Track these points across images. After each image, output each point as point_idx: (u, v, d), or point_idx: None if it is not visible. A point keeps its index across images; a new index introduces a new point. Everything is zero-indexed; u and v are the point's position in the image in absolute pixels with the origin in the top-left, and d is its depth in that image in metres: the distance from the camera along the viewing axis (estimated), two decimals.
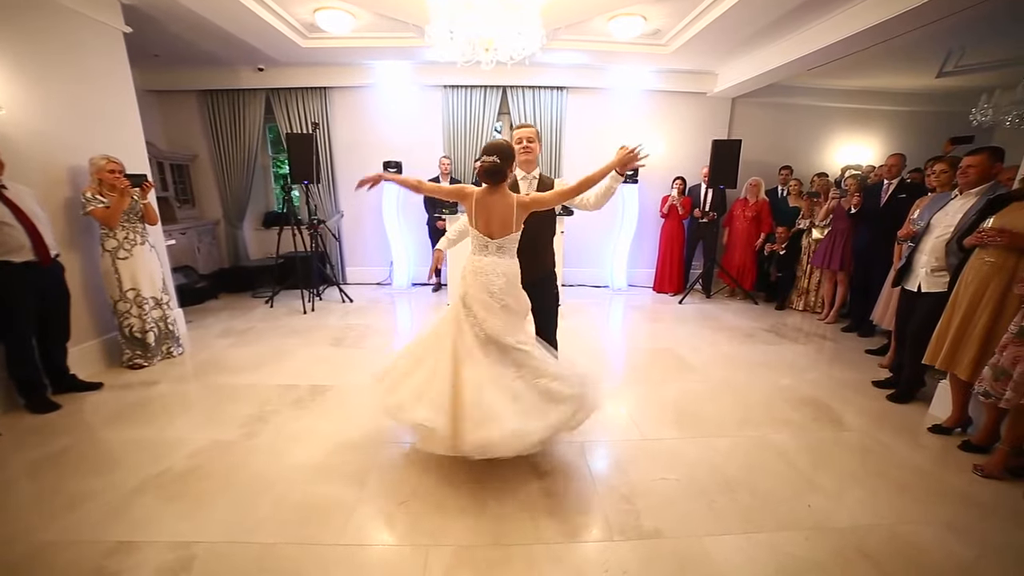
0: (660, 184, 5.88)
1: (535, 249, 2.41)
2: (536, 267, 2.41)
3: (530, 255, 2.33)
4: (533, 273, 2.37)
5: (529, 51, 2.96)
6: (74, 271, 3.16)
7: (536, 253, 2.42)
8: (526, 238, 2.21)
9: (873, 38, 3.67)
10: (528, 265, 2.28)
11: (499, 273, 2.11)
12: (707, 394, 3.09)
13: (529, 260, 2.29)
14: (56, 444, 2.44)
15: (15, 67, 2.90)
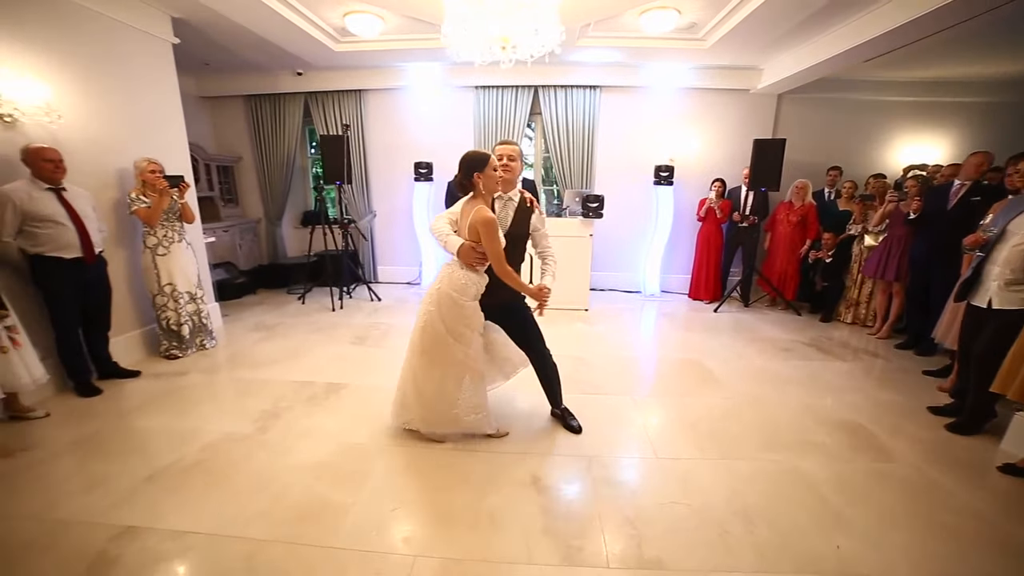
0: (697, 186, 5.60)
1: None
2: (504, 288, 2.34)
3: (498, 278, 2.32)
4: (501, 294, 2.37)
5: (548, 48, 2.86)
6: (120, 267, 3.39)
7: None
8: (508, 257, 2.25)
9: (945, 20, 3.22)
10: (498, 287, 2.30)
11: (443, 278, 2.25)
12: (732, 411, 2.87)
13: (498, 282, 2.29)
14: (89, 427, 2.61)
15: (74, 78, 3.13)
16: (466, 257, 2.18)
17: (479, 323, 2.30)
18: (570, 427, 2.63)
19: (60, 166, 2.75)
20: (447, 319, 2.23)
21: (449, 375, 2.29)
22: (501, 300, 2.39)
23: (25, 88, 2.82)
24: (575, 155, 5.77)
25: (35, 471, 2.23)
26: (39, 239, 2.70)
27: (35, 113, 2.86)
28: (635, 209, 5.81)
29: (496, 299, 2.37)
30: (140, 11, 3.56)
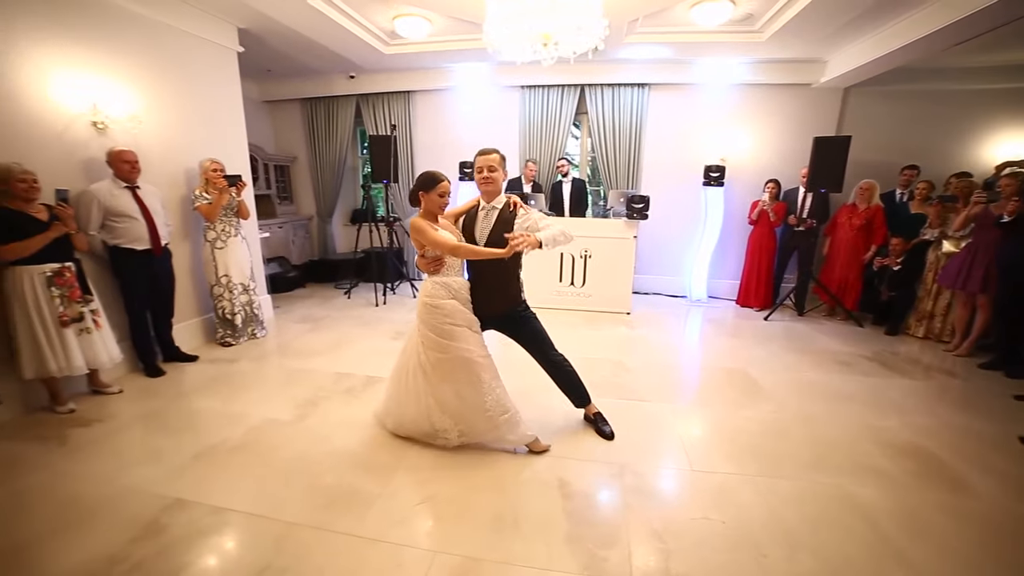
0: (750, 187, 5.30)
1: (495, 281, 2.34)
2: (502, 298, 2.35)
3: (492, 286, 2.33)
4: (501, 304, 2.35)
5: (591, 44, 2.80)
6: (184, 258, 3.68)
7: (500, 282, 2.35)
8: (487, 269, 2.27)
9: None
10: (493, 296, 2.31)
11: (420, 293, 2.31)
12: (777, 426, 2.68)
13: (492, 291, 2.31)
14: (153, 404, 2.84)
15: (152, 87, 3.43)
16: (422, 267, 2.28)
17: (464, 319, 2.26)
18: (602, 432, 2.56)
19: (136, 167, 3.02)
20: (429, 323, 2.24)
21: (462, 380, 2.24)
22: (499, 311, 2.37)
23: (115, 98, 3.13)
24: (621, 155, 5.63)
25: (108, 440, 2.46)
26: (116, 232, 2.98)
27: (122, 120, 3.16)
28: (683, 211, 5.59)
29: (493, 310, 2.36)
30: (210, 24, 3.84)
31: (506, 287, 2.36)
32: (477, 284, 2.35)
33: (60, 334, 2.59)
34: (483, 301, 2.34)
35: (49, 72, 2.79)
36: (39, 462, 2.27)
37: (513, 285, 2.38)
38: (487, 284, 2.34)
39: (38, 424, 2.60)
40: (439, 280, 2.25)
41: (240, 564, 1.67)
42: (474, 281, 2.36)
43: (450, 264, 2.28)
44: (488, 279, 2.33)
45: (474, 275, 2.36)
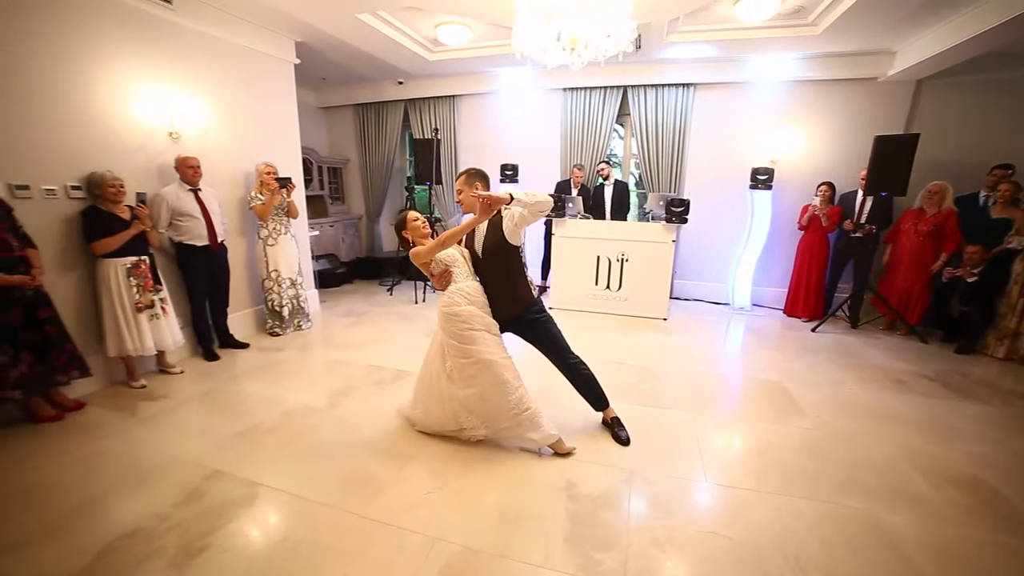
0: (801, 190, 4.99)
1: (501, 285, 2.40)
2: (511, 301, 2.40)
3: (499, 290, 2.39)
4: (511, 307, 2.40)
5: (620, 47, 2.77)
6: (240, 254, 4.04)
7: (505, 287, 2.40)
8: (491, 275, 2.38)
9: None
10: (502, 301, 2.39)
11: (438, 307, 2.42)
12: (808, 443, 2.54)
13: (500, 296, 2.39)
14: (208, 385, 3.16)
15: (217, 98, 3.79)
16: (436, 285, 2.41)
17: (482, 323, 2.32)
18: (618, 437, 2.54)
19: (198, 171, 3.36)
20: (450, 331, 2.32)
21: (486, 383, 2.29)
22: (510, 314, 2.41)
23: (188, 111, 3.50)
24: (664, 157, 5.49)
25: (168, 414, 2.77)
26: (181, 230, 3.34)
27: (193, 131, 3.54)
28: (727, 215, 5.37)
29: (505, 314, 2.41)
30: (271, 39, 4.18)
31: (513, 289, 2.40)
32: (486, 290, 2.41)
33: (136, 319, 2.96)
34: (494, 306, 2.40)
35: (134, 91, 3.18)
36: (114, 428, 2.60)
37: (520, 287, 2.41)
38: (494, 289, 2.40)
39: (117, 395, 2.97)
40: (453, 288, 2.34)
41: (262, 532, 1.85)
42: (484, 287, 2.42)
43: (458, 272, 2.36)
44: (494, 284, 2.40)
45: (482, 282, 2.42)
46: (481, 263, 2.41)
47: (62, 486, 2.13)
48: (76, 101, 2.89)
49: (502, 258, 2.34)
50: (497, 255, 2.34)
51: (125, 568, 1.67)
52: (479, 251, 2.40)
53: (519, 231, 2.29)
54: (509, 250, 2.32)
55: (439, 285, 2.39)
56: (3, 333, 2.40)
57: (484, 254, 2.38)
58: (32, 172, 2.73)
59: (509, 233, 2.27)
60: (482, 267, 2.40)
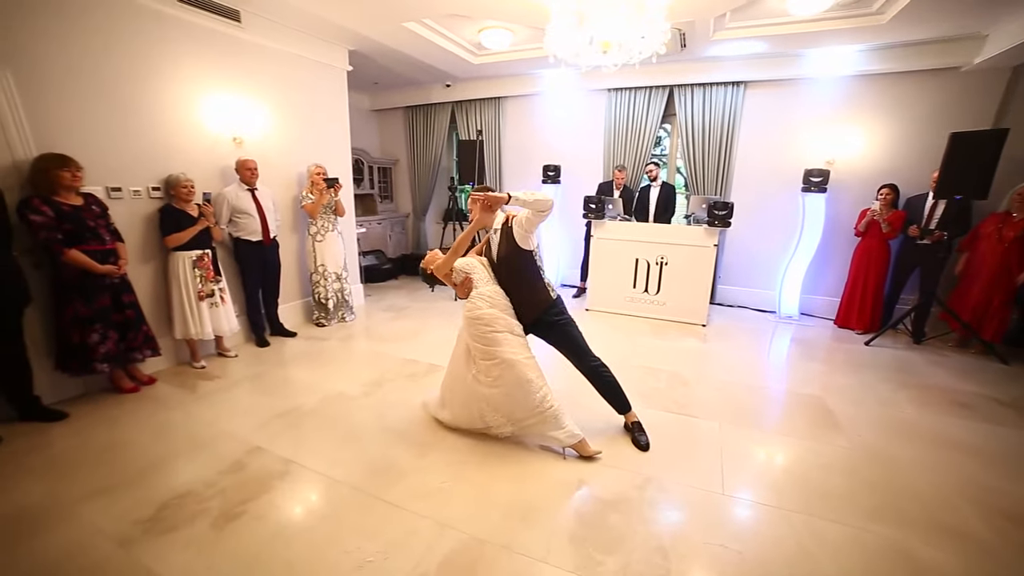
0: (859, 193, 4.64)
1: (518, 288, 2.45)
2: (529, 304, 2.45)
3: (517, 294, 2.45)
4: (530, 310, 2.46)
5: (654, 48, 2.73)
6: (291, 249, 4.37)
7: (521, 292, 2.45)
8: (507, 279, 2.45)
9: None
10: (520, 304, 2.45)
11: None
12: (843, 463, 2.39)
13: (518, 299, 2.45)
14: (257, 369, 3.46)
15: (275, 105, 4.11)
16: (460, 295, 2.51)
17: (504, 324, 2.37)
18: (637, 442, 2.53)
19: (255, 172, 3.68)
20: (474, 335, 2.40)
21: (511, 382, 2.33)
22: (530, 318, 2.47)
23: (250, 117, 3.84)
24: (711, 159, 5.30)
25: (222, 393, 3.08)
26: (239, 226, 3.67)
27: (254, 135, 3.88)
28: (776, 218, 5.10)
29: (526, 318, 2.46)
30: (326, 48, 4.48)
31: (531, 293, 2.45)
32: (506, 294, 2.47)
33: (198, 306, 3.30)
34: (515, 311, 2.47)
35: (204, 101, 3.54)
36: (176, 402, 2.94)
37: (537, 290, 2.45)
38: (512, 295, 2.46)
39: (181, 374, 3.34)
40: (475, 294, 2.43)
41: (290, 504, 2.03)
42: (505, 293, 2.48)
43: (478, 278, 2.44)
44: (513, 290, 2.45)
45: (502, 288, 2.48)
46: (498, 270, 2.49)
47: (136, 447, 2.45)
48: (158, 112, 3.27)
49: (517, 264, 2.41)
50: (512, 261, 2.41)
51: (178, 522, 1.90)
52: (495, 259, 2.49)
53: (529, 235, 2.35)
54: (523, 255, 2.39)
55: (462, 293, 2.49)
56: (96, 315, 2.78)
57: (500, 261, 2.46)
58: (123, 176, 3.13)
59: (520, 238, 2.34)
60: (499, 274, 2.48)
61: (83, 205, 2.75)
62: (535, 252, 2.44)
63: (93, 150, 2.94)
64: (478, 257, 2.55)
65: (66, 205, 2.67)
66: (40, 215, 2.57)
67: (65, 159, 2.66)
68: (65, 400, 2.88)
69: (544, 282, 2.48)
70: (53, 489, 2.10)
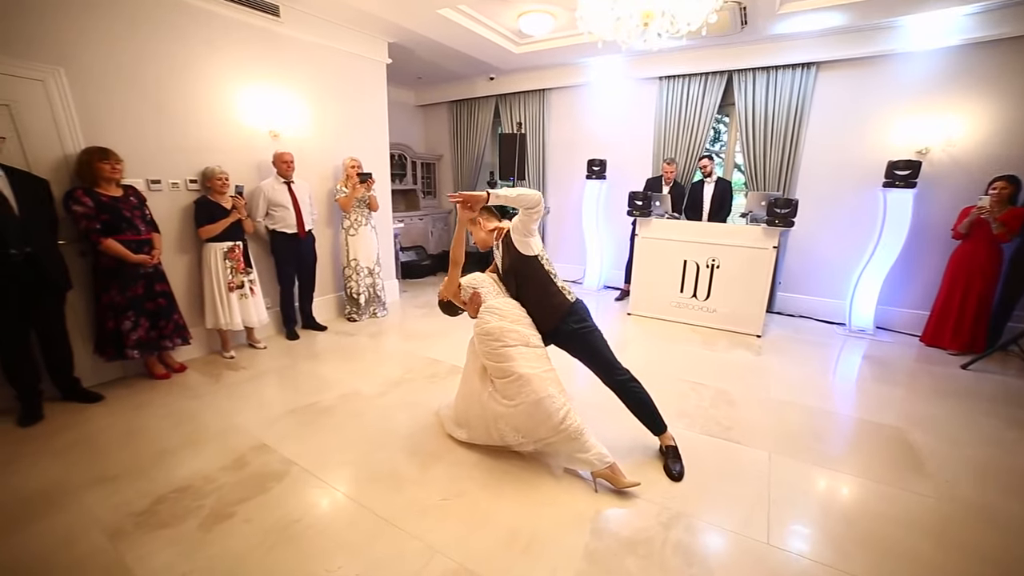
0: (960, 187, 3.94)
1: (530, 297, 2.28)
2: (544, 314, 2.27)
3: (530, 304, 2.29)
4: (547, 320, 2.26)
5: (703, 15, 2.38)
6: (326, 243, 4.38)
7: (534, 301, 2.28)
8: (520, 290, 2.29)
9: None
10: (534, 314, 2.28)
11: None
12: (927, 519, 1.94)
13: (532, 309, 2.29)
14: (283, 362, 3.47)
15: (313, 99, 4.13)
16: (471, 314, 2.36)
17: (516, 337, 2.17)
18: (670, 470, 2.22)
19: (291, 166, 3.69)
20: (486, 352, 2.22)
21: (529, 399, 2.10)
22: (549, 327, 2.28)
23: (287, 111, 3.87)
24: (773, 152, 4.75)
25: (244, 385, 3.10)
26: (275, 219, 3.71)
27: (291, 129, 3.92)
28: (850, 218, 4.49)
29: (543, 327, 2.28)
30: (365, 41, 4.46)
31: (544, 299, 2.25)
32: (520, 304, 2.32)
33: (228, 297, 3.35)
34: (532, 319, 2.31)
35: (242, 95, 3.59)
36: (200, 391, 2.98)
37: (550, 297, 2.24)
38: (525, 304, 2.30)
39: (211, 363, 3.41)
40: (483, 308, 2.26)
41: (282, 509, 1.92)
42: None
43: (486, 292, 2.31)
44: (524, 299, 2.30)
45: (513, 297, 2.35)
46: (507, 283, 2.35)
47: (152, 434, 2.48)
48: (198, 107, 3.35)
49: (524, 272, 2.24)
50: (518, 271, 2.25)
51: (168, 518, 1.86)
52: (501, 272, 2.37)
53: (528, 239, 2.16)
54: (527, 262, 2.21)
55: (472, 311, 2.33)
56: (129, 302, 2.87)
57: (506, 273, 2.33)
58: (163, 169, 3.23)
59: (519, 244, 2.16)
60: (509, 287, 2.35)
61: (122, 196, 2.85)
62: (541, 256, 2.23)
63: (136, 144, 3.05)
64: (488, 273, 2.42)
65: (105, 196, 2.77)
66: (81, 205, 2.67)
67: (106, 152, 2.76)
68: (105, 383, 3.01)
69: (557, 286, 2.25)
70: (68, 473, 2.14)
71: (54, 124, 2.76)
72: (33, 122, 2.68)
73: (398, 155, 6.57)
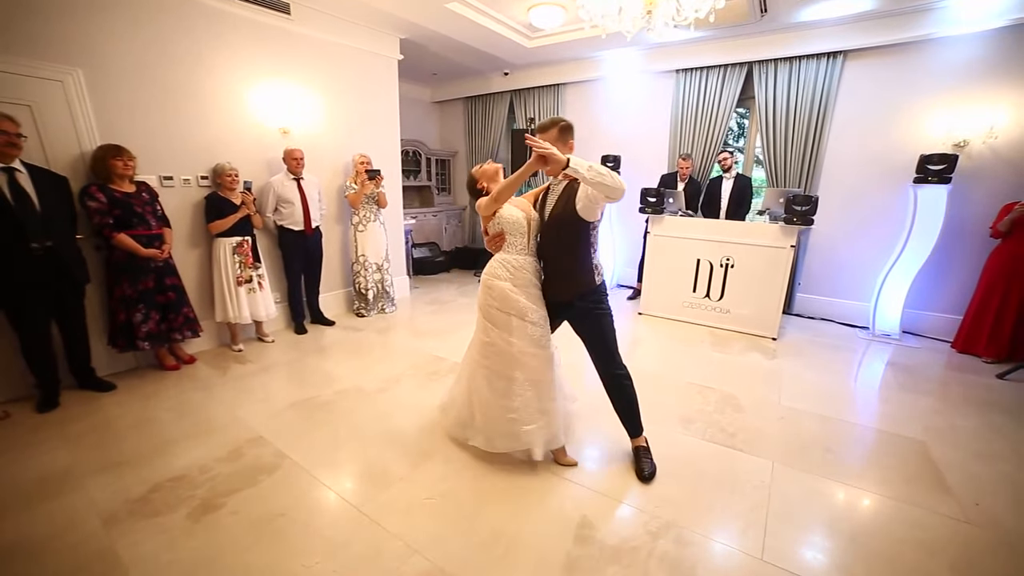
0: (1001, 183, 3.67)
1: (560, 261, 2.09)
2: (569, 283, 2.09)
3: (558, 267, 2.10)
4: (568, 289, 2.09)
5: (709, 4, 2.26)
6: (335, 238, 4.44)
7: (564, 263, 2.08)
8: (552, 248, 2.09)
9: None
10: (558, 279, 2.11)
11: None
12: (950, 543, 1.80)
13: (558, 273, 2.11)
14: (290, 356, 3.53)
15: (325, 95, 4.18)
16: (488, 247, 2.19)
17: (514, 307, 2.06)
18: (640, 471, 2.16)
19: (300, 162, 3.74)
20: (481, 303, 2.16)
21: (496, 370, 2.11)
22: (566, 297, 2.11)
23: (298, 109, 3.92)
24: (795, 147, 4.54)
25: (249, 378, 3.15)
26: (283, 215, 3.77)
27: (302, 126, 3.96)
28: (877, 216, 4.25)
29: (560, 296, 2.12)
30: (376, 38, 4.47)
31: (574, 266, 2.06)
32: (545, 263, 2.15)
33: (236, 291, 3.43)
34: (549, 284, 2.15)
35: (253, 92, 3.66)
36: (206, 383, 3.06)
37: (583, 269, 2.06)
38: (554, 264, 2.11)
39: (220, 356, 3.50)
40: (500, 257, 2.13)
41: (269, 502, 1.94)
42: (543, 259, 2.16)
43: (511, 241, 2.10)
44: (555, 258, 2.10)
45: (543, 255, 2.16)
46: (546, 231, 2.10)
47: (159, 424, 2.56)
48: (209, 105, 3.43)
49: (569, 231, 1.99)
50: (565, 226, 1.99)
51: (160, 507, 1.91)
52: (546, 216, 2.08)
53: (594, 207, 1.92)
54: (579, 223, 1.96)
55: (491, 246, 2.17)
56: (140, 296, 2.97)
57: (551, 220, 2.04)
58: (175, 165, 3.32)
59: (582, 208, 1.92)
60: (546, 236, 2.10)
61: (134, 192, 2.94)
62: (594, 224, 2.01)
63: (149, 141, 3.14)
64: (529, 214, 2.11)
65: (118, 192, 2.86)
66: (95, 201, 2.77)
67: (119, 148, 2.85)
68: (118, 373, 3.13)
69: (593, 262, 2.06)
70: (75, 459, 2.22)
71: (72, 123, 2.87)
72: (53, 121, 2.79)
73: (412, 151, 6.60)
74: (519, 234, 2.09)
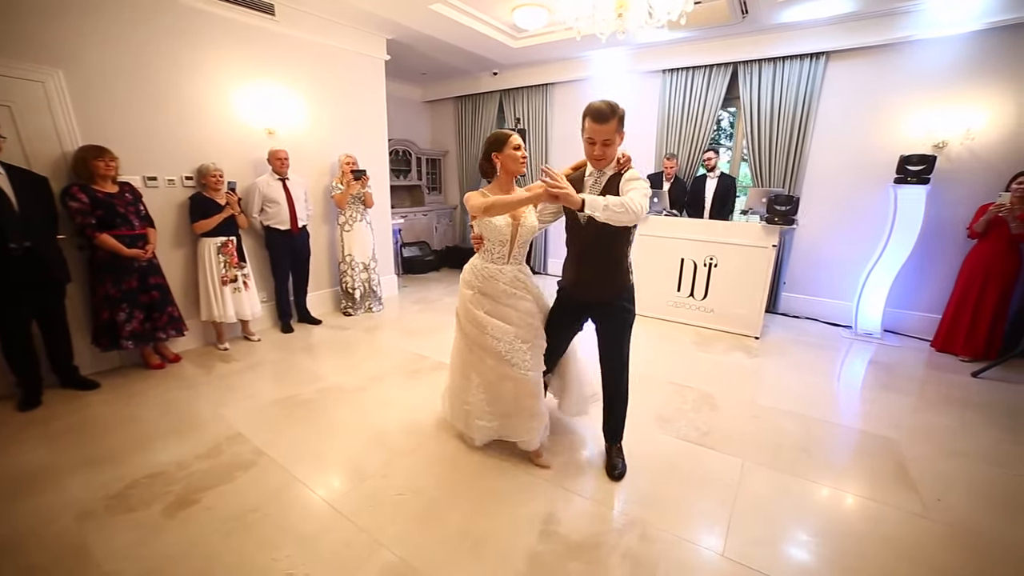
0: (979, 184, 3.71)
1: (599, 260, 2.01)
2: (607, 283, 2.03)
3: (597, 266, 2.02)
4: (607, 290, 2.03)
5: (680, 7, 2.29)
6: (322, 238, 4.46)
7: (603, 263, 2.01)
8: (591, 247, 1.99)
9: None
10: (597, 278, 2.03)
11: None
12: (910, 538, 1.83)
13: (596, 272, 2.02)
14: (275, 355, 3.56)
15: (311, 96, 4.20)
16: (472, 242, 2.16)
17: (474, 319, 2.08)
18: (611, 468, 2.20)
19: (285, 163, 3.77)
20: (459, 302, 2.22)
21: (458, 365, 2.26)
22: (603, 297, 2.05)
23: (284, 109, 3.95)
24: (779, 147, 4.57)
25: (233, 377, 3.18)
26: (269, 215, 3.79)
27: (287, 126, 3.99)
28: (859, 216, 4.29)
29: (597, 295, 2.06)
30: (361, 38, 4.49)
31: (614, 267, 2.00)
32: (580, 263, 2.06)
33: (221, 290, 3.46)
34: (587, 283, 2.06)
35: (238, 93, 3.68)
36: (192, 381, 3.09)
37: (622, 266, 2.02)
38: (591, 263, 2.03)
39: (205, 355, 3.53)
40: (476, 263, 2.10)
41: (243, 498, 1.98)
42: (577, 259, 2.07)
43: (489, 247, 2.02)
44: (592, 258, 2.02)
45: (576, 252, 2.07)
46: (586, 228, 1.95)
47: (141, 422, 2.59)
48: (194, 106, 3.45)
49: (612, 230, 1.85)
50: (608, 225, 1.78)
51: (136, 503, 1.94)
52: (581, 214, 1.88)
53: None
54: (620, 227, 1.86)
55: (475, 246, 2.13)
56: (124, 295, 2.99)
57: (592, 221, 1.81)
58: (159, 166, 3.34)
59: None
60: (586, 235, 1.98)
61: (117, 193, 2.96)
62: (632, 231, 1.97)
63: (132, 142, 3.16)
64: (515, 225, 2.00)
65: (100, 192, 2.88)
66: (77, 201, 2.79)
67: (100, 149, 2.87)
68: (102, 371, 3.16)
69: (629, 262, 2.04)
70: (56, 456, 2.25)
71: (53, 124, 2.88)
72: (33, 122, 2.80)
73: (403, 151, 6.62)
74: (499, 242, 2.01)
